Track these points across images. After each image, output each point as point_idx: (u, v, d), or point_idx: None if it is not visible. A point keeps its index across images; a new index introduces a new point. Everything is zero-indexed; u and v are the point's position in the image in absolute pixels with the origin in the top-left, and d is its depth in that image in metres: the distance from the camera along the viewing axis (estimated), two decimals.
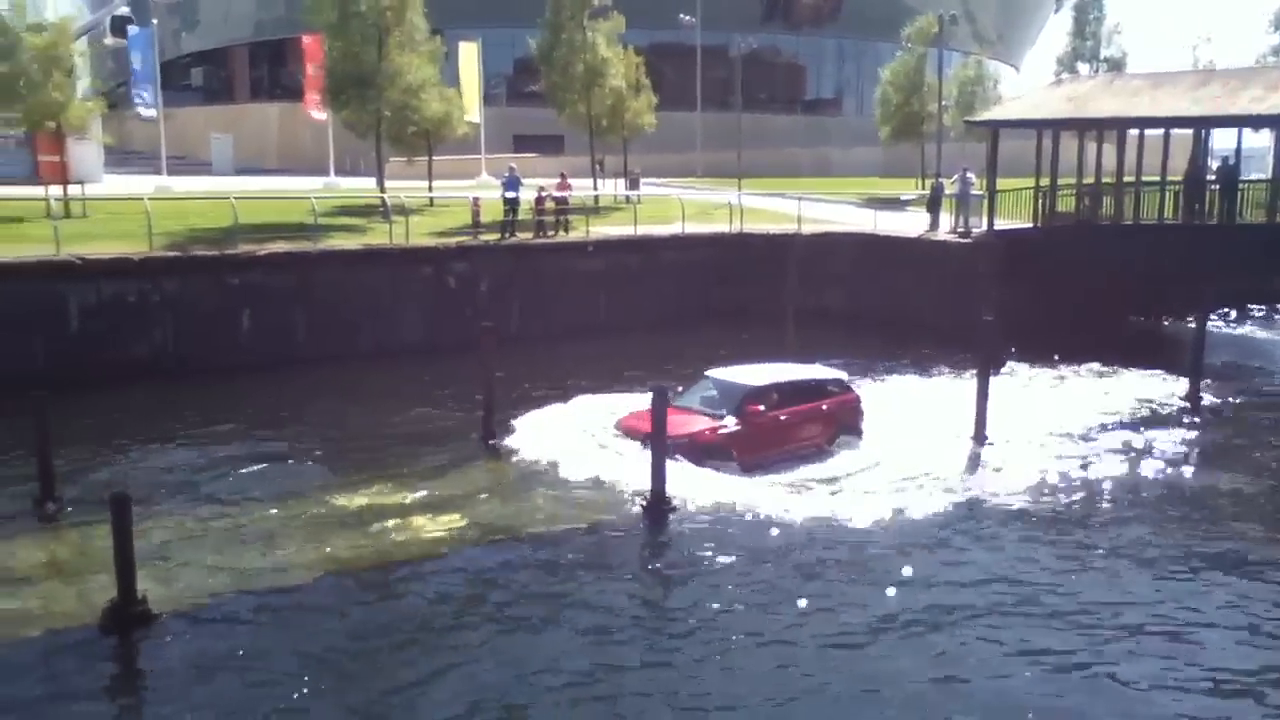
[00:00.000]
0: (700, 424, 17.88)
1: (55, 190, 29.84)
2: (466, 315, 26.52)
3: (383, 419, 20.64)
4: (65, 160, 32.85)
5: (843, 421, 19.24)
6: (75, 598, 13.07)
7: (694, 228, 33.60)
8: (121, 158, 52.25)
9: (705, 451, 17.45)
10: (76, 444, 17.93)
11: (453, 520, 15.76)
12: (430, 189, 37.69)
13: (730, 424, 17.87)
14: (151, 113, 44.84)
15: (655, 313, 30.37)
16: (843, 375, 20.52)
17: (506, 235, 30.79)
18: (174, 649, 12.09)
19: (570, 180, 34.17)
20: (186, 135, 60.59)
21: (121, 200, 30.49)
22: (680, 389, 19.69)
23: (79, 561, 14.08)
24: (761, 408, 18.09)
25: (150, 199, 27.19)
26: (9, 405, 16.92)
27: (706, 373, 19.49)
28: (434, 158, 39.72)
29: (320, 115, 44.10)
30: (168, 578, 13.42)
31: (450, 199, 36.04)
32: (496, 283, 28.67)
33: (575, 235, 31.96)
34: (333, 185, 43.80)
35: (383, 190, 34.48)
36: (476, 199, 31.96)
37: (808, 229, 33.69)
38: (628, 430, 18.18)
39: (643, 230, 32.76)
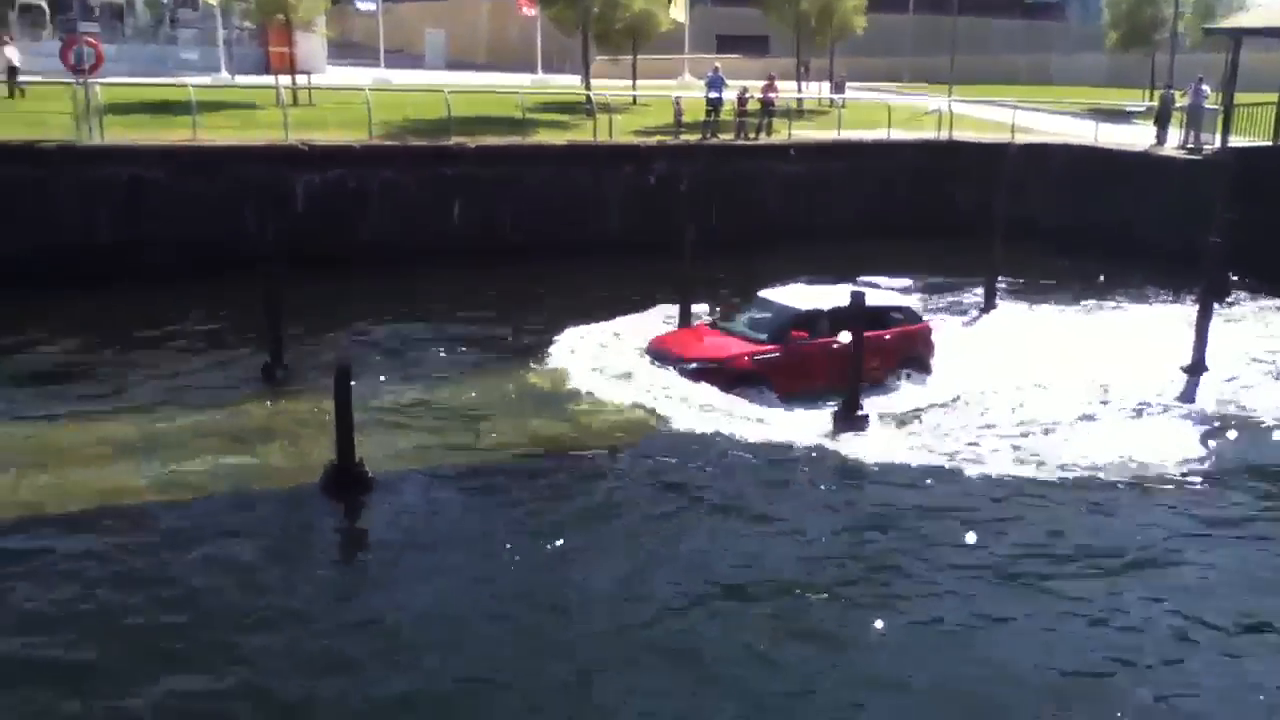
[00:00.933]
0: (736, 349, 16.66)
1: (284, 80, 31.38)
2: (666, 214, 26.70)
3: (579, 311, 21.13)
4: (293, 52, 34.52)
5: (905, 354, 17.56)
6: (299, 458, 14.12)
7: (900, 134, 32.64)
8: (342, 50, 54.28)
9: (738, 378, 16.19)
10: (301, 319, 19.12)
11: (626, 411, 16.09)
12: (634, 88, 37.78)
13: (770, 350, 16.55)
14: (370, 6, 46.38)
15: (855, 219, 29.81)
16: (911, 302, 19.01)
17: (708, 136, 30.68)
18: (387, 511, 13.00)
19: (776, 82, 33.61)
20: (403, 29, 62.37)
21: (343, 91, 31.80)
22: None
23: (302, 425, 15.16)
24: (807, 334, 16.60)
25: (370, 90, 28.29)
26: (243, 281, 18.27)
27: (760, 292, 18.16)
28: (638, 57, 39.70)
29: (530, 12, 44.57)
30: (383, 445, 14.29)
31: (652, 98, 36.01)
32: (696, 183, 28.68)
33: (777, 138, 31.56)
34: (541, 82, 44.41)
35: (588, 88, 34.80)
36: (679, 98, 31.90)
37: (1022, 139, 32.24)
38: (656, 351, 17.23)
39: (846, 135, 32.05)
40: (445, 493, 13.46)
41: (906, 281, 24.69)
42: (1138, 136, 31.61)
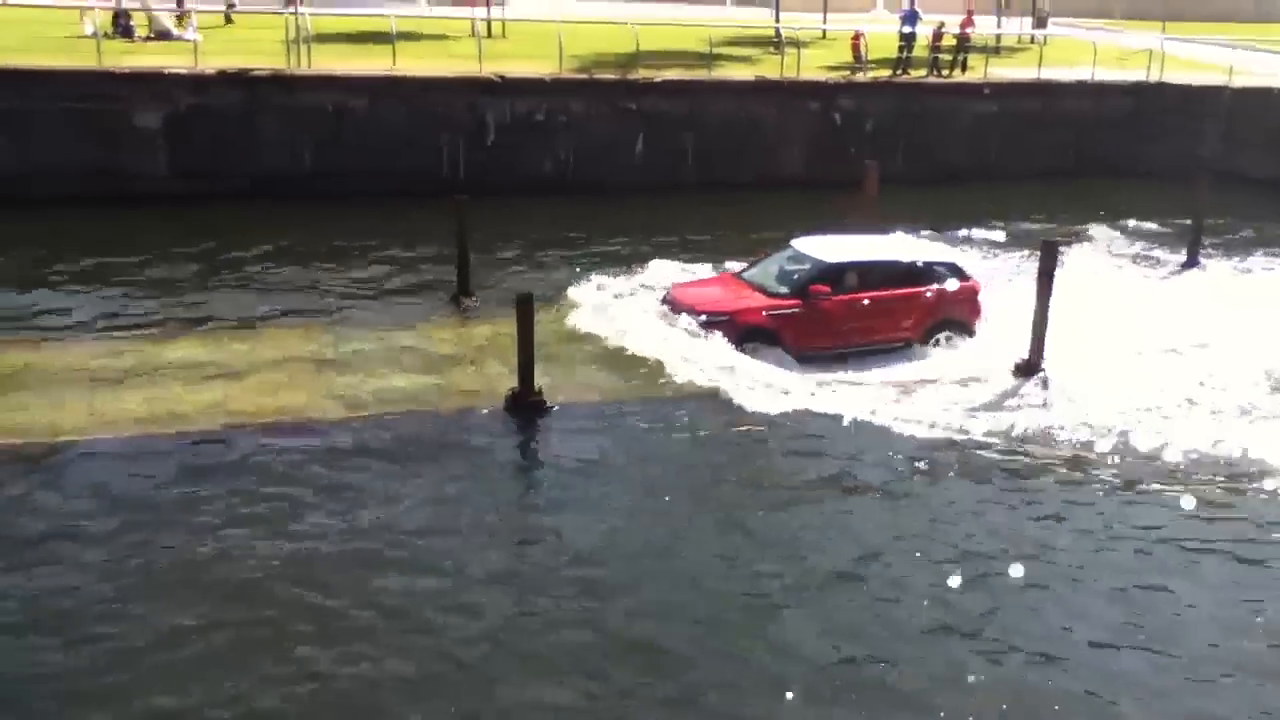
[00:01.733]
0: (751, 301, 15.73)
1: (479, 11, 32.05)
2: (850, 152, 26.26)
3: (759, 245, 21.09)
4: None
5: (945, 314, 16.21)
6: (483, 382, 14.71)
7: (1105, 74, 30.98)
8: None
9: (749, 333, 15.33)
10: (489, 248, 19.77)
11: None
12: (824, 21, 36.99)
13: (788, 305, 15.54)
14: None
15: (1050, 163, 28.65)
16: (958, 259, 17.22)
17: (899, 72, 29.85)
18: (562, 437, 13.47)
19: (974, 18, 32.32)
20: None
21: (536, 23, 32.28)
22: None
23: (487, 350, 15.75)
24: (829, 289, 15.49)
25: (562, 23, 28.63)
26: (435, 209, 19.01)
27: (792, 241, 16.98)
28: None
29: None
30: (562, 374, 14.76)
31: (843, 33, 35.19)
32: (883, 121, 28.06)
33: (972, 76, 30.44)
34: (730, 16, 43.92)
35: (778, 21, 34.27)
36: (858, 34, 30.81)
37: (1239, 82, 30.12)
38: (672, 300, 16.28)
39: (1046, 74, 30.63)
40: (614, 423, 13.76)
41: (1107, 232, 23.50)
42: None
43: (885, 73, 29.72)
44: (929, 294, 16.12)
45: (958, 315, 16.39)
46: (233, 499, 11.52)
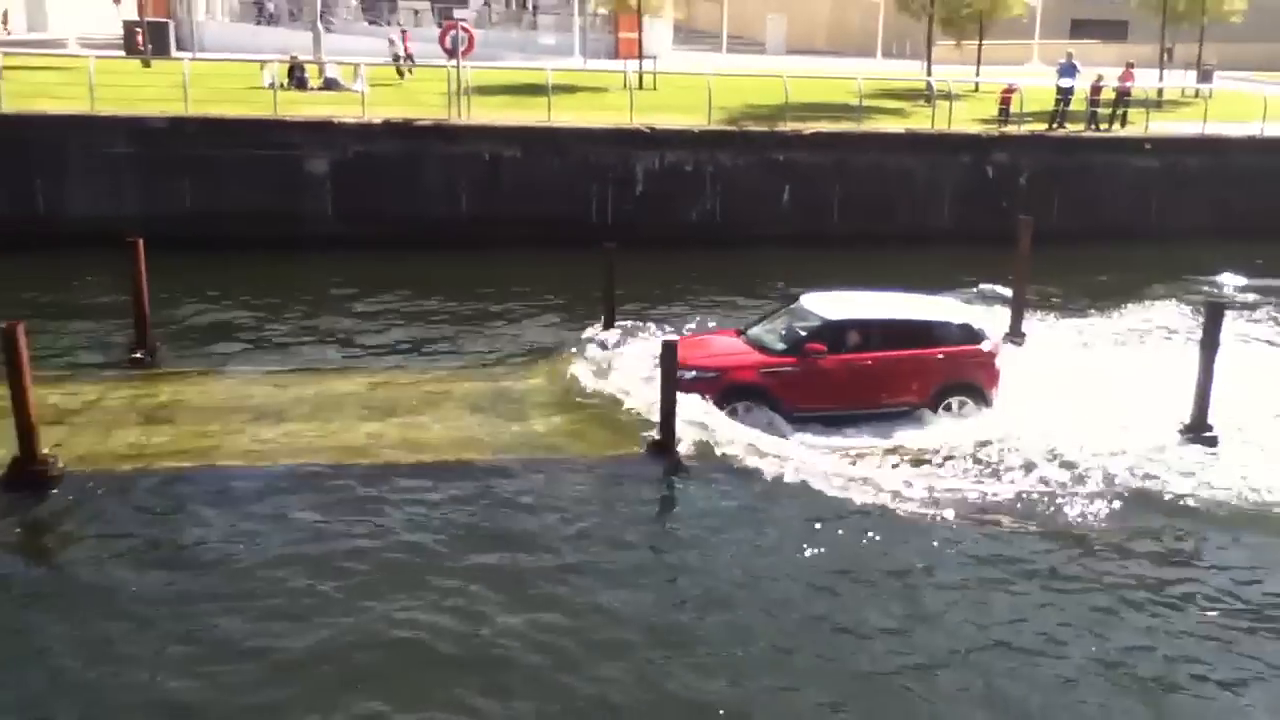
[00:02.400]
0: (745, 358, 15.12)
1: (631, 65, 32.86)
2: (1002, 207, 25.88)
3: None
4: (640, 38, 36.04)
5: (956, 378, 15.26)
6: (620, 428, 14.73)
7: (1278, 129, 29.75)
8: (686, 37, 55.92)
9: (738, 391, 14.75)
10: (634, 294, 20.09)
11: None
12: (977, 74, 36.60)
13: (783, 363, 14.89)
14: None
15: (1214, 221, 27.55)
16: (975, 320, 15.92)
17: (1055, 126, 29.27)
18: (693, 488, 13.50)
19: (1133, 70, 31.52)
20: (744, 16, 63.28)
21: (686, 76, 32.87)
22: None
23: (627, 395, 15.74)
24: (824, 347, 14.82)
25: (712, 76, 29.10)
26: (584, 256, 19.50)
27: (801, 296, 16.21)
28: (984, 42, 38.38)
29: None
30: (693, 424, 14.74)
31: (997, 85, 34.75)
32: (1038, 175, 27.54)
33: (1131, 130, 29.65)
34: (880, 69, 43.92)
35: (929, 74, 34.08)
36: (1010, 88, 30.14)
37: None
38: (698, 368, 15.20)
39: (1211, 128, 29.60)
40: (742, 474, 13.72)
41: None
42: None
43: (1039, 126, 29.19)
44: (939, 356, 15.21)
45: (970, 379, 15.39)
46: (402, 531, 11.98)
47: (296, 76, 30.27)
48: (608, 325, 18.12)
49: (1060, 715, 9.36)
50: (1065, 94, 29.61)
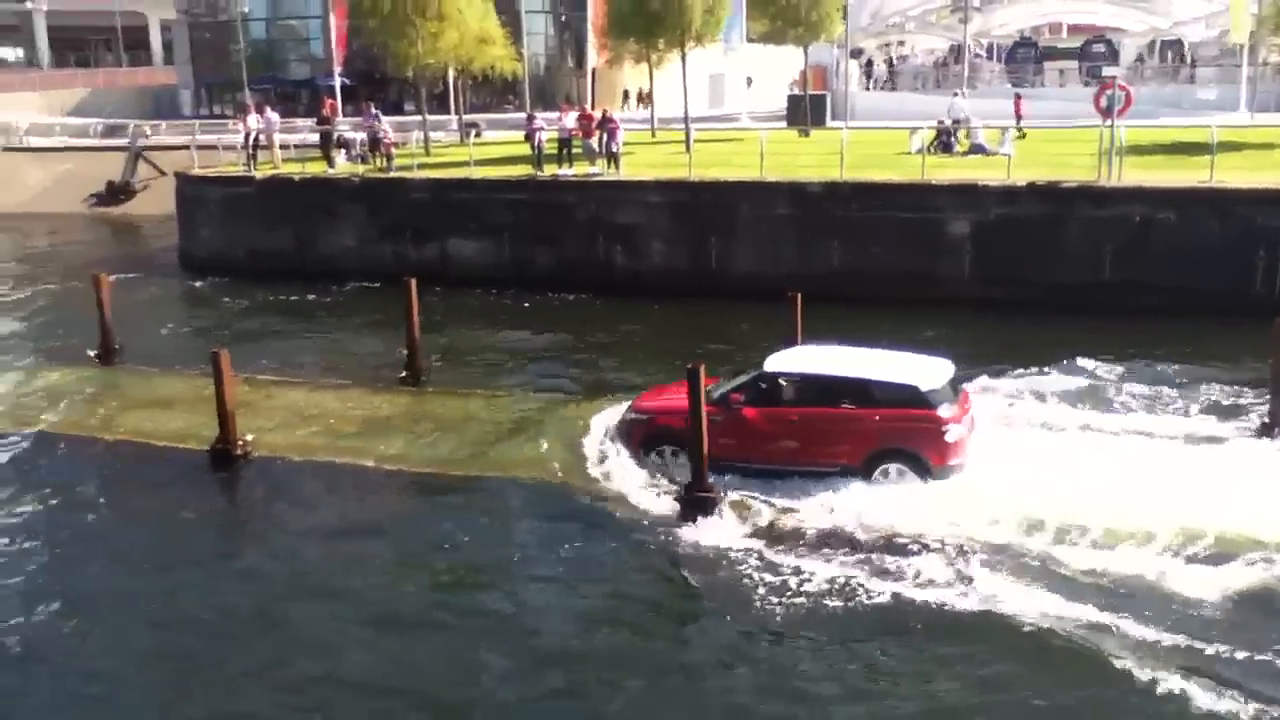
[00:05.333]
0: (678, 404, 14.43)
1: None
2: None
3: None
4: None
5: (892, 444, 14.21)
6: None
7: None
8: None
9: (662, 435, 15.15)
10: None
11: None
12: None
13: (707, 411, 14.00)
14: None
15: None
16: (921, 383, 14.26)
17: None
18: None
19: None
20: None
21: None
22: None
23: None
24: (742, 397, 14.65)
25: None
26: (1236, 329, 17.74)
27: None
28: None
29: None
30: None
31: None
32: None
33: None
34: None
35: None
36: None
37: None
38: (636, 411, 15.96)
39: None
40: None
41: None
42: None
43: None
44: (875, 418, 14.19)
45: (908, 447, 14.18)
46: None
47: (943, 141, 31.27)
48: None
49: None
50: None
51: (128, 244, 42.47)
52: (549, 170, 29.72)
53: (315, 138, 35.16)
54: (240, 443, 16.68)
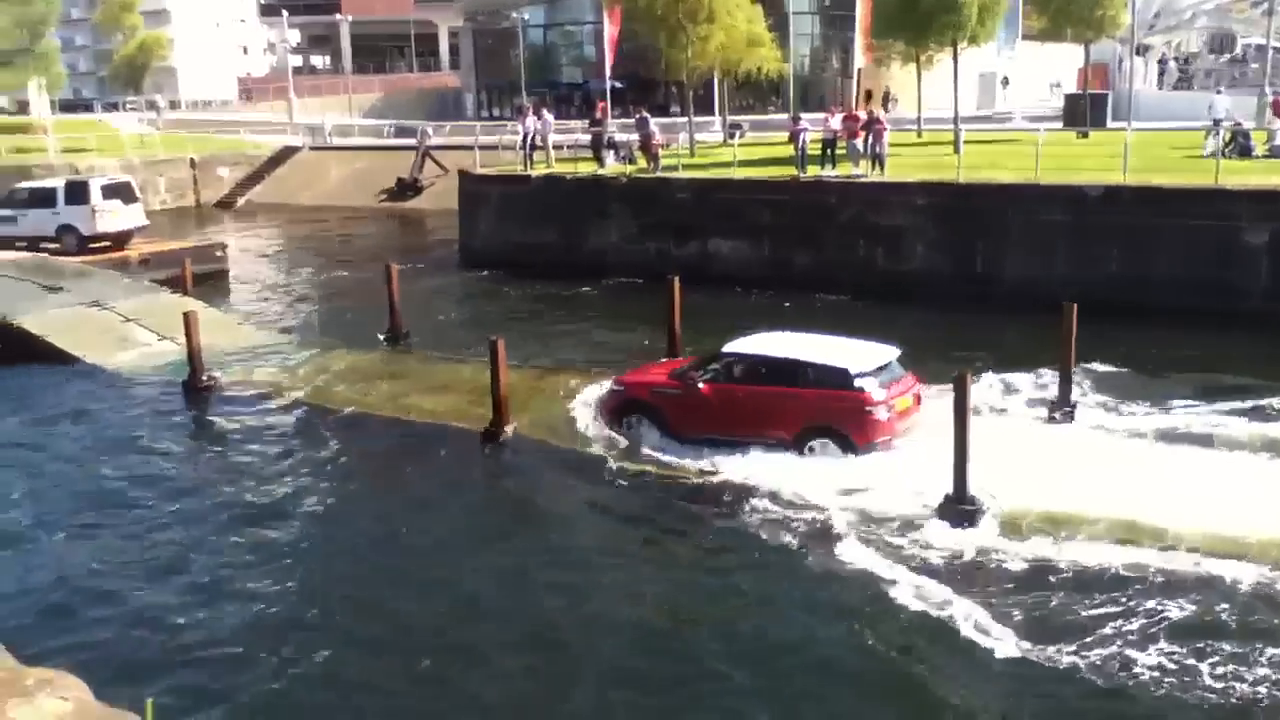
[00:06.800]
0: (649, 379, 17.46)
1: None
2: None
3: None
4: None
5: (819, 421, 15.56)
6: None
7: None
8: None
9: (633, 406, 17.17)
10: None
11: None
12: None
13: (673, 386, 16.71)
14: None
15: None
16: (851, 366, 15.50)
17: None
18: None
19: None
20: None
21: None
22: None
23: None
24: (700, 375, 16.47)
25: None
26: None
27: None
28: None
29: None
30: None
31: None
32: None
33: None
34: None
35: None
36: None
37: None
38: (615, 384, 17.94)
39: None
40: None
41: None
42: None
43: None
44: (806, 396, 15.71)
45: (836, 425, 15.54)
46: None
47: (1240, 144, 29.06)
48: None
49: None
50: None
51: (413, 236, 45.57)
52: (811, 171, 29.68)
53: (586, 139, 36.57)
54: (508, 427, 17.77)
